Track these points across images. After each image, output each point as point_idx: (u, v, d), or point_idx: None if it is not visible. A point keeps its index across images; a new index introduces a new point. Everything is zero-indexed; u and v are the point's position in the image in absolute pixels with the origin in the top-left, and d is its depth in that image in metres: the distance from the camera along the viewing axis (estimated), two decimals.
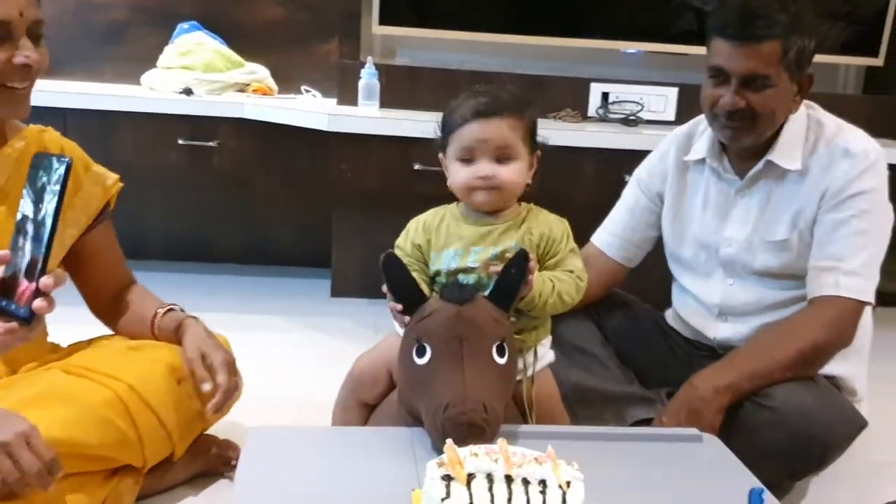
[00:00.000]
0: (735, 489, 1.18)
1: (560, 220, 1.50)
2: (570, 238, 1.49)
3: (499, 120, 1.41)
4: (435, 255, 1.47)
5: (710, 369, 1.61)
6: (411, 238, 1.50)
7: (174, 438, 1.57)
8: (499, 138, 1.41)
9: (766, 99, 1.60)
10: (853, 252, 1.62)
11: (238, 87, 3.02)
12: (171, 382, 1.57)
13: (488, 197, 1.44)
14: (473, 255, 1.43)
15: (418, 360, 1.27)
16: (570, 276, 1.44)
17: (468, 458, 1.01)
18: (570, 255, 1.48)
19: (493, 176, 1.41)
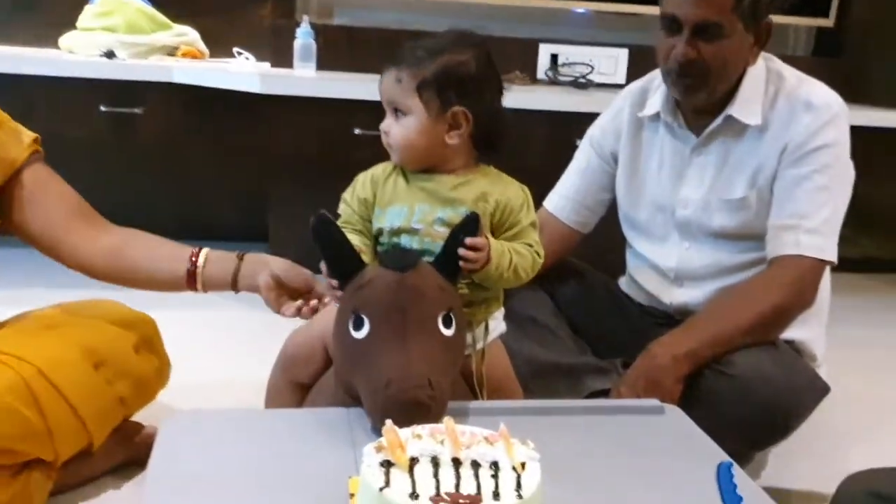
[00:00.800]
0: (702, 463, 1.10)
1: (521, 188, 1.37)
2: (531, 209, 1.37)
3: (393, 72, 1.30)
4: (379, 211, 1.35)
5: (669, 336, 1.53)
6: (357, 192, 1.37)
7: (90, 428, 1.43)
8: (385, 91, 1.31)
9: (719, 49, 1.52)
10: (814, 209, 1.55)
11: (166, 51, 2.85)
12: (86, 366, 1.43)
13: (391, 154, 1.34)
14: (418, 215, 1.31)
15: (355, 333, 1.14)
16: (529, 251, 1.32)
17: (410, 440, 0.90)
18: (530, 228, 1.35)
19: (386, 132, 1.32)
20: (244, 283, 1.44)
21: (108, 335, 1.50)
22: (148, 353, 1.57)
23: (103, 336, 1.49)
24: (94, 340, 1.46)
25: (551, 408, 1.24)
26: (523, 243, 1.32)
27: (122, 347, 1.50)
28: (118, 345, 1.50)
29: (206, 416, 1.18)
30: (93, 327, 1.49)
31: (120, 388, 1.49)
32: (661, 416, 1.23)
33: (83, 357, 1.43)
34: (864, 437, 2.00)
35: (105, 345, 1.48)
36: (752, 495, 1.03)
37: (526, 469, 0.87)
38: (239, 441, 1.09)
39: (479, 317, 1.37)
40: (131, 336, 1.53)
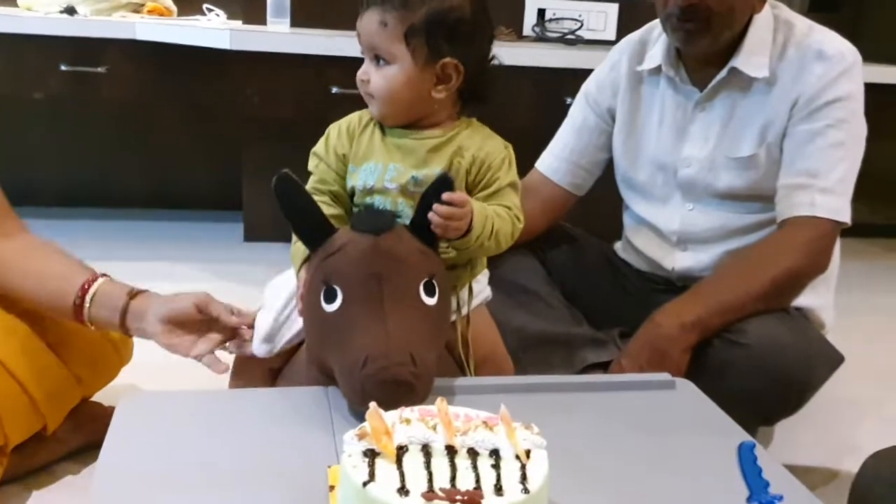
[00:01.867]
0: (720, 442, 1.01)
1: (504, 144, 1.24)
2: (512, 168, 1.24)
3: (377, 12, 1.15)
4: (353, 168, 1.22)
5: (675, 304, 1.43)
6: (333, 146, 1.23)
7: (43, 410, 1.31)
8: (366, 34, 1.17)
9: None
10: (829, 167, 1.45)
11: (131, 8, 2.70)
12: (36, 342, 1.31)
13: (370, 105, 1.21)
14: (391, 173, 1.18)
15: (327, 306, 1.02)
16: (509, 215, 1.19)
17: (397, 425, 0.78)
18: (509, 189, 1.22)
19: (365, 80, 1.18)
20: (133, 327, 1.26)
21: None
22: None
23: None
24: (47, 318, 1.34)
25: (552, 384, 1.13)
26: (502, 205, 1.19)
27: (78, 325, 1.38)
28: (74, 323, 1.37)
29: (166, 398, 1.07)
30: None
31: (76, 366, 1.38)
32: (671, 391, 1.14)
33: (32, 333, 1.31)
34: (871, 407, 1.93)
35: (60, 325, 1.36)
36: (778, 476, 0.93)
37: (531, 458, 0.76)
38: (203, 425, 0.98)
39: (463, 280, 1.25)
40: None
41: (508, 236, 1.19)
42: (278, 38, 2.37)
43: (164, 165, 3.15)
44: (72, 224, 2.91)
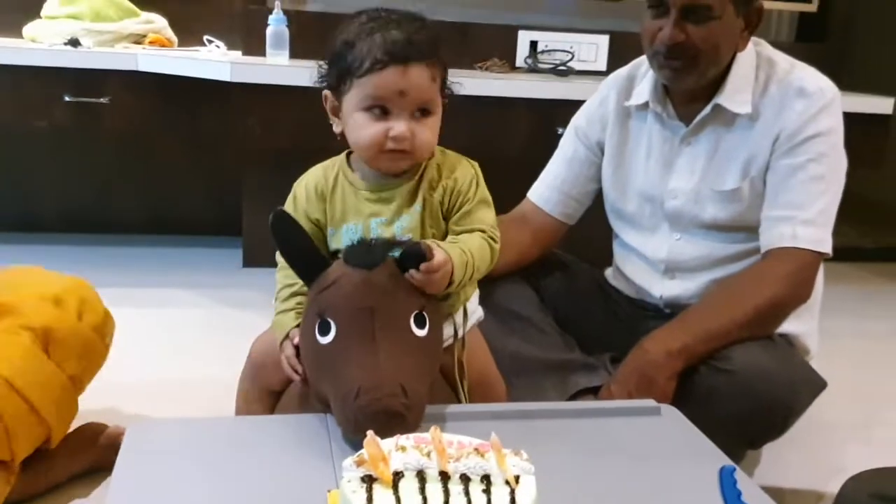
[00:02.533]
0: (702, 468, 1.04)
1: (470, 163, 1.25)
2: (481, 185, 1.22)
3: (421, 67, 1.13)
4: (332, 231, 1.22)
5: (662, 331, 1.47)
6: (304, 209, 1.22)
7: (48, 419, 1.34)
8: (421, 91, 1.13)
9: (709, 32, 1.46)
10: (810, 199, 1.50)
11: (133, 39, 2.75)
12: (37, 352, 1.34)
13: (399, 162, 1.17)
14: (375, 231, 1.19)
15: (322, 338, 1.06)
16: (483, 239, 1.19)
17: (393, 452, 0.82)
18: (480, 207, 1.21)
19: (410, 137, 1.14)
20: None
21: (53, 311, 1.39)
22: (88, 314, 1.46)
23: (47, 315, 1.38)
24: (38, 322, 1.36)
25: (541, 411, 1.17)
26: (476, 230, 1.19)
27: (68, 320, 1.40)
28: (64, 319, 1.40)
29: (173, 425, 1.10)
30: (34, 308, 1.38)
31: (70, 366, 1.39)
32: (657, 417, 1.18)
33: (33, 343, 1.34)
34: (856, 431, 1.97)
35: (53, 323, 1.38)
36: (757, 499, 0.97)
37: (520, 483, 0.80)
38: (209, 451, 1.02)
39: (458, 305, 1.28)
40: (72, 303, 1.43)
41: (488, 263, 1.21)
42: (278, 69, 2.42)
43: (165, 193, 3.18)
44: (74, 250, 2.95)
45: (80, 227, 3.14)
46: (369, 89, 1.13)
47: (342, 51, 1.15)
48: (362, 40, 1.13)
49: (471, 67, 2.73)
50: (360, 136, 1.16)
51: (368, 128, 1.14)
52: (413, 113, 1.15)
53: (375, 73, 1.12)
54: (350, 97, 1.16)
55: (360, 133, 1.16)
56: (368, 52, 1.12)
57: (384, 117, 1.14)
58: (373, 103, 1.14)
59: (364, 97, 1.14)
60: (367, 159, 1.19)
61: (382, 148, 1.15)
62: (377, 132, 1.14)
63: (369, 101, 1.14)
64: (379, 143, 1.14)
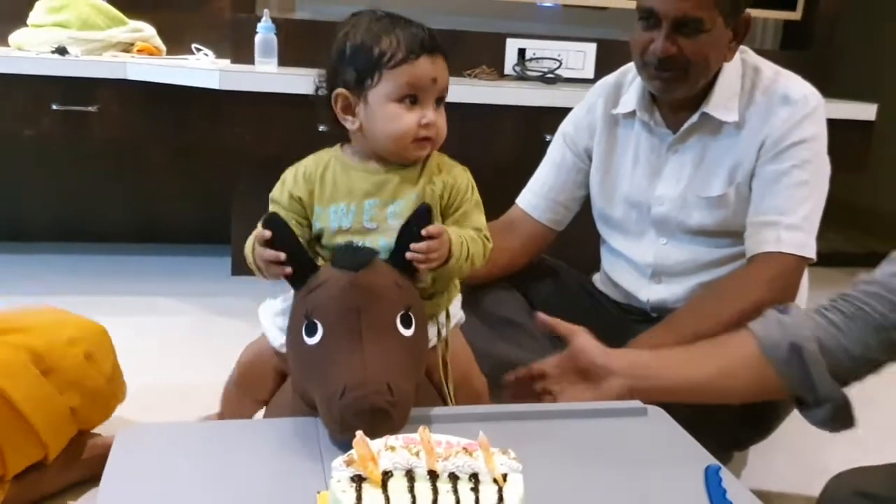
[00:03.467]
0: (688, 467, 1.05)
1: (463, 169, 1.29)
2: (475, 189, 1.28)
3: (442, 58, 1.20)
4: (319, 209, 1.23)
5: (648, 334, 1.49)
6: (289, 189, 1.24)
7: (44, 438, 1.35)
8: (446, 79, 1.20)
9: (700, 45, 1.48)
10: (794, 205, 1.51)
11: (121, 48, 2.75)
12: (35, 373, 1.34)
13: (424, 151, 1.21)
14: (368, 212, 1.21)
15: (308, 339, 1.07)
16: (479, 236, 1.23)
17: (383, 452, 0.83)
18: (475, 210, 1.26)
19: (436, 124, 1.20)
20: None
21: (58, 342, 1.41)
22: (99, 361, 1.48)
23: (52, 343, 1.40)
24: (42, 346, 1.38)
25: (528, 412, 1.18)
26: (472, 228, 1.23)
27: (72, 355, 1.42)
28: (68, 352, 1.41)
29: (161, 430, 1.11)
30: (41, 333, 1.40)
31: (70, 397, 1.41)
32: (643, 417, 1.19)
33: (31, 362, 1.35)
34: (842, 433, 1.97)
35: (54, 352, 1.40)
36: (743, 499, 0.98)
37: (508, 482, 0.81)
38: (197, 455, 1.02)
39: (442, 306, 1.29)
40: (82, 343, 1.45)
41: (481, 257, 1.23)
42: (266, 77, 2.43)
43: (153, 201, 3.18)
44: (62, 259, 2.95)
45: (68, 235, 3.14)
46: (405, 78, 1.17)
47: (362, 47, 1.18)
48: (386, 35, 1.17)
49: (459, 75, 2.74)
50: (393, 126, 1.19)
51: (403, 117, 1.18)
52: (434, 102, 1.20)
53: (410, 63, 1.16)
54: (379, 89, 1.19)
55: (393, 124, 1.19)
56: (399, 44, 1.17)
57: (415, 107, 1.19)
58: (408, 91, 1.18)
59: (399, 86, 1.17)
60: (398, 149, 1.21)
61: (415, 136, 1.19)
62: (412, 121, 1.18)
63: (405, 89, 1.18)
64: (413, 131, 1.19)
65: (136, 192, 3.17)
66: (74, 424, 1.45)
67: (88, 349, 1.46)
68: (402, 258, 1.13)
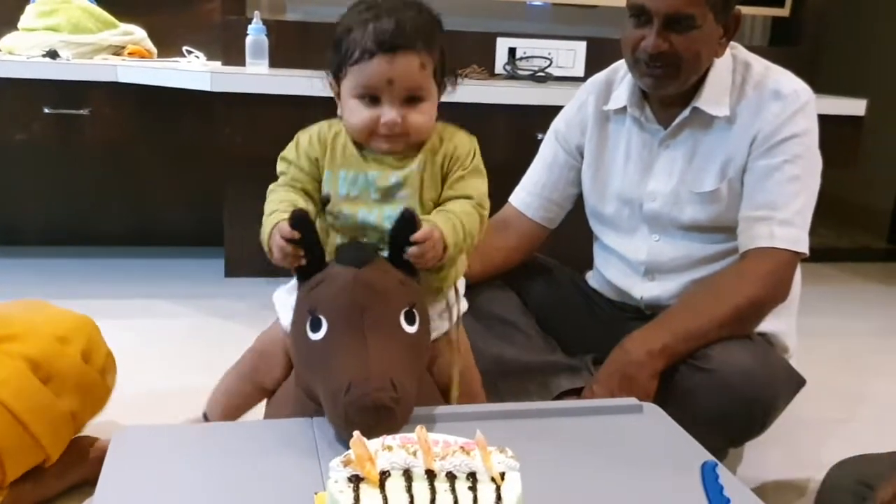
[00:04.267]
0: (685, 463, 1.06)
1: (469, 137, 1.29)
2: (478, 156, 1.28)
3: (408, 55, 1.16)
4: (329, 173, 1.23)
5: (643, 331, 1.49)
6: (305, 150, 1.24)
7: (46, 445, 1.35)
8: (409, 79, 1.17)
9: (691, 41, 1.48)
10: (787, 200, 1.52)
11: (112, 51, 2.75)
12: (34, 381, 1.34)
13: (391, 144, 1.21)
14: (374, 183, 1.21)
15: (313, 335, 1.07)
16: (472, 207, 1.22)
17: (380, 452, 0.83)
18: (474, 175, 1.25)
19: (399, 122, 1.18)
20: None
21: (53, 346, 1.40)
22: (93, 356, 1.48)
23: (47, 348, 1.40)
24: (38, 354, 1.37)
25: (525, 410, 1.18)
26: (464, 198, 1.22)
27: (69, 356, 1.41)
28: (64, 354, 1.41)
29: (157, 432, 1.10)
30: (35, 339, 1.39)
31: (70, 401, 1.41)
32: (639, 414, 1.19)
33: (30, 370, 1.35)
34: (836, 427, 2.00)
35: (51, 357, 1.39)
36: (739, 495, 0.99)
37: (505, 480, 0.82)
38: (194, 457, 1.02)
39: (449, 281, 1.29)
40: (75, 341, 1.44)
41: (478, 228, 1.23)
42: (258, 79, 2.43)
43: (147, 204, 3.17)
44: (55, 262, 2.94)
45: (61, 239, 3.13)
46: (359, 78, 1.17)
47: (340, 39, 1.19)
48: (356, 29, 1.17)
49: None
50: (353, 121, 1.21)
51: (360, 114, 1.19)
52: (404, 99, 1.18)
53: (364, 63, 1.16)
54: (345, 84, 1.21)
55: (353, 118, 1.21)
56: (359, 41, 1.16)
57: (375, 104, 1.18)
58: (363, 92, 1.18)
59: (355, 85, 1.18)
60: (363, 142, 1.22)
61: (375, 132, 1.19)
62: (368, 118, 1.19)
63: (360, 89, 1.18)
64: (370, 128, 1.19)
65: (128, 195, 3.16)
66: (73, 427, 1.44)
67: (83, 346, 1.45)
68: (399, 259, 1.13)
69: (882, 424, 2.02)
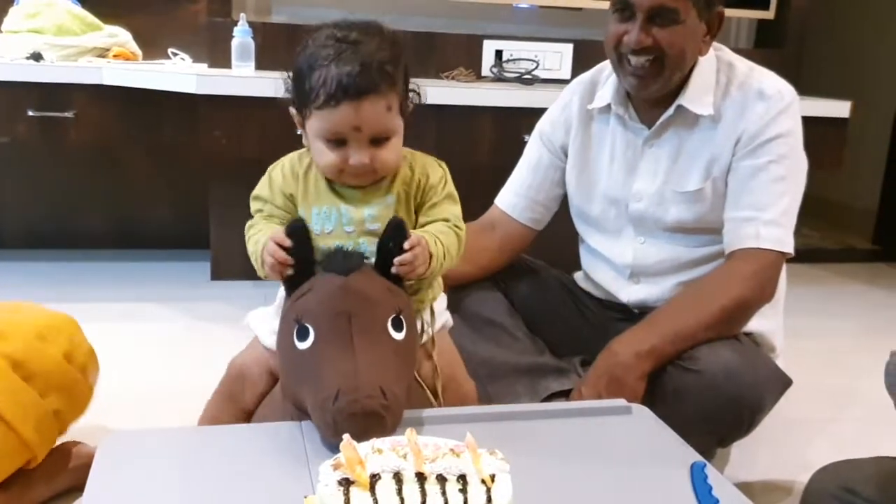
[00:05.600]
0: (673, 464, 1.06)
1: (439, 163, 1.29)
2: (449, 183, 1.28)
3: (374, 100, 1.14)
4: (303, 210, 1.24)
5: (630, 333, 1.49)
6: (279, 187, 1.25)
7: (32, 445, 1.34)
8: (376, 124, 1.16)
9: (674, 36, 1.48)
10: (772, 200, 1.52)
11: (97, 53, 2.73)
12: (17, 381, 1.33)
13: (360, 181, 1.21)
14: (346, 216, 1.21)
15: (300, 344, 1.07)
16: (448, 227, 1.23)
17: (370, 455, 0.83)
18: (447, 201, 1.26)
19: (368, 163, 1.17)
20: None
21: (34, 345, 1.38)
22: (75, 356, 1.45)
23: (29, 347, 1.37)
24: (20, 353, 1.35)
25: (515, 413, 1.18)
26: (440, 220, 1.23)
27: (50, 356, 1.40)
28: (46, 354, 1.39)
29: (146, 436, 1.10)
30: (15, 338, 1.37)
31: (52, 400, 1.39)
32: (628, 416, 1.19)
33: (9, 368, 1.33)
34: (822, 427, 2.00)
35: (32, 356, 1.37)
36: (728, 495, 0.99)
37: (496, 482, 0.82)
38: (182, 461, 1.02)
39: (426, 302, 1.30)
40: (57, 341, 1.42)
41: (456, 247, 1.24)
42: (244, 81, 2.42)
43: (132, 207, 3.15)
44: (40, 266, 2.92)
45: (45, 243, 3.11)
46: (325, 124, 1.16)
47: (302, 75, 1.18)
48: (319, 68, 1.15)
49: (436, 77, 2.75)
50: (321, 162, 1.20)
51: (328, 156, 1.18)
52: (372, 140, 1.17)
53: (329, 109, 1.15)
54: (310, 124, 1.20)
55: (321, 159, 1.20)
56: (323, 84, 1.14)
57: (342, 146, 1.17)
58: (330, 137, 1.17)
59: (321, 129, 1.17)
60: (329, 176, 1.22)
61: (344, 171, 1.19)
62: (336, 160, 1.18)
63: (327, 134, 1.17)
64: (339, 168, 1.19)
65: (113, 198, 3.14)
66: (57, 426, 1.42)
67: (65, 346, 1.43)
68: (386, 272, 1.13)
69: (868, 424, 2.03)
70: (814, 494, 1.19)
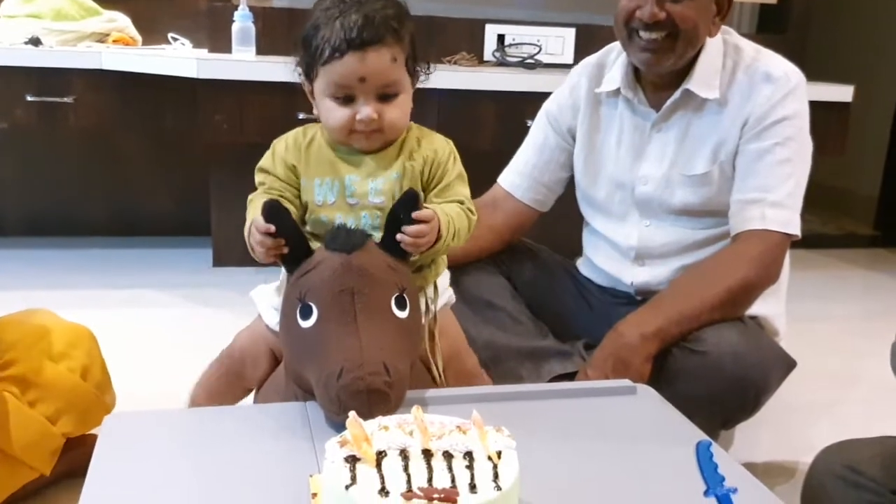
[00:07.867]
0: (679, 443, 1.05)
1: (446, 140, 1.28)
2: (458, 161, 1.28)
3: (379, 50, 1.14)
4: (305, 181, 1.23)
5: (636, 315, 1.49)
6: (282, 157, 1.24)
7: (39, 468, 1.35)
8: (381, 75, 1.15)
9: (688, 10, 1.48)
10: (778, 182, 1.52)
11: (96, 38, 2.72)
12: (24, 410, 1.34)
13: (370, 141, 1.20)
14: (350, 188, 1.20)
15: (303, 322, 1.06)
16: (462, 209, 1.23)
17: (376, 432, 0.83)
18: (458, 181, 1.25)
19: (375, 118, 1.17)
20: None
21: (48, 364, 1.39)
22: (91, 373, 1.47)
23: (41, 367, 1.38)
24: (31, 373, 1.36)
25: (521, 392, 1.18)
26: (454, 201, 1.23)
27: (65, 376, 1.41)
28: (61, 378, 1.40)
29: (149, 417, 1.09)
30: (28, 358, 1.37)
31: (63, 423, 1.40)
32: (633, 396, 1.19)
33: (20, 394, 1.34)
34: (825, 409, 2.01)
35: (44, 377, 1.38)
36: (733, 473, 0.99)
37: (502, 458, 0.81)
38: (186, 441, 1.02)
39: (429, 279, 1.29)
40: (77, 359, 1.43)
41: (466, 231, 1.23)
42: (244, 66, 2.41)
43: (133, 193, 3.15)
44: (41, 253, 2.91)
45: (45, 229, 3.10)
46: (331, 77, 1.16)
47: (308, 38, 1.18)
48: (324, 27, 1.15)
49: (439, 62, 2.73)
50: (329, 120, 1.20)
51: (335, 113, 1.18)
52: (378, 96, 1.17)
53: (335, 62, 1.15)
54: (317, 84, 1.19)
55: (328, 118, 1.20)
56: (328, 39, 1.14)
57: (350, 102, 1.17)
58: (336, 91, 1.17)
59: (328, 84, 1.17)
60: (340, 140, 1.21)
61: (352, 129, 1.18)
62: (344, 117, 1.17)
63: (333, 88, 1.17)
64: (347, 126, 1.18)
65: (113, 184, 3.13)
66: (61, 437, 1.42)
67: (82, 361, 1.44)
68: (391, 243, 1.12)
69: (870, 407, 2.03)
70: (818, 474, 1.19)
